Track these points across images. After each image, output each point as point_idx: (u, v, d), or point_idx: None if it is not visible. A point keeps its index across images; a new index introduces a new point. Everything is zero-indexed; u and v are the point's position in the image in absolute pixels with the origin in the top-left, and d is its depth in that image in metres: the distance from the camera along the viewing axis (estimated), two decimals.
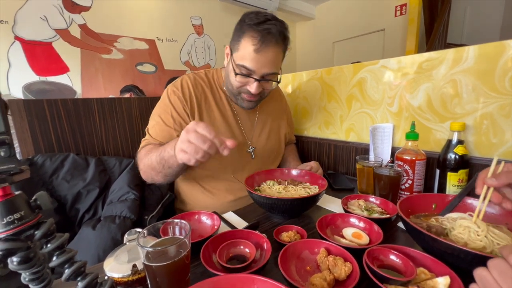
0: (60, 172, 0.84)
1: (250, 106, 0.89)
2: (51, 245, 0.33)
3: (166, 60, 3.25)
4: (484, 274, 0.33)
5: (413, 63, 0.87)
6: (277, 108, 1.08)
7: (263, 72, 0.78)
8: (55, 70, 2.54)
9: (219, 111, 0.90)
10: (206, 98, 0.89)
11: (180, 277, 0.42)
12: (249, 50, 0.75)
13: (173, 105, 0.84)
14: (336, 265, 0.46)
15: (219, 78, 0.94)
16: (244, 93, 0.84)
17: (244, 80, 0.80)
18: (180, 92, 0.85)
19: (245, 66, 0.76)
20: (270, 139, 1.03)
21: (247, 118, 0.97)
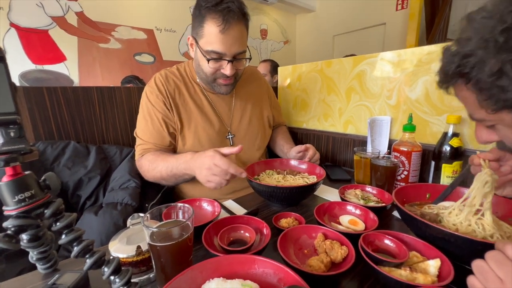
0: (62, 159, 0.85)
1: (228, 90, 0.88)
2: (60, 223, 0.34)
3: (164, 50, 3.21)
4: (481, 264, 0.34)
5: (413, 56, 0.88)
6: (256, 91, 1.06)
7: (233, 51, 0.78)
8: (51, 59, 2.50)
9: (194, 103, 0.91)
10: (180, 92, 0.90)
11: (183, 258, 0.44)
12: (214, 32, 0.74)
13: (154, 105, 0.86)
14: (333, 248, 0.48)
15: (191, 71, 0.94)
16: (219, 78, 0.84)
17: (216, 65, 0.80)
18: (156, 90, 0.87)
19: (214, 50, 0.76)
20: (252, 125, 1.01)
21: (224, 105, 0.97)
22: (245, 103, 1.01)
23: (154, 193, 0.97)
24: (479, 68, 0.36)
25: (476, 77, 0.37)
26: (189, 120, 0.90)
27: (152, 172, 0.82)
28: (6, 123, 0.30)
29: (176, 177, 0.80)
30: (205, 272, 0.39)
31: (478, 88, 0.38)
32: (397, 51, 0.92)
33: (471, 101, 0.41)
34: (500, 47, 0.33)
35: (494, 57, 0.34)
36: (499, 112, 0.37)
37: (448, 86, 0.44)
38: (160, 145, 0.87)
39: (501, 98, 0.35)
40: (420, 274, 0.41)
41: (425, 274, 0.42)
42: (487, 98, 0.37)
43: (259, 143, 1.05)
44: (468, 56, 0.37)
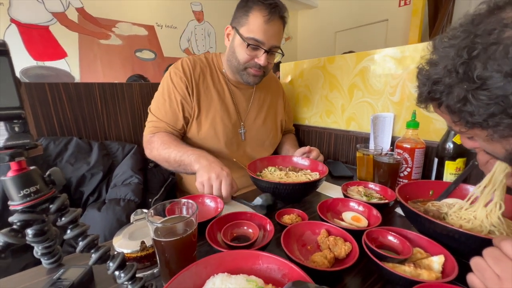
0: (64, 155, 0.85)
1: (256, 81, 0.92)
2: (65, 218, 0.34)
3: (165, 47, 3.19)
4: (479, 262, 0.35)
5: (416, 52, 0.87)
6: (274, 94, 1.10)
7: (271, 43, 0.83)
8: (52, 55, 2.50)
9: (216, 91, 0.94)
10: (204, 78, 0.93)
11: (187, 253, 0.44)
12: (259, 22, 0.80)
13: (176, 87, 0.88)
14: (336, 244, 0.48)
15: (218, 61, 0.98)
16: (251, 67, 0.88)
17: (253, 53, 0.84)
18: (181, 72, 0.89)
19: (255, 38, 0.81)
20: (265, 125, 1.04)
21: (243, 100, 1.00)
22: (262, 102, 1.05)
23: (157, 188, 0.97)
24: (447, 95, 0.39)
25: (445, 102, 0.40)
26: (208, 107, 0.92)
27: (160, 151, 0.83)
28: (11, 117, 0.30)
29: (180, 165, 0.81)
30: (209, 267, 0.39)
31: (449, 111, 0.41)
32: (401, 47, 0.91)
33: (448, 119, 0.43)
34: (461, 78, 0.36)
35: (457, 86, 0.37)
36: (471, 129, 0.40)
37: (425, 106, 0.47)
38: (172, 126, 0.89)
39: (470, 121, 0.38)
40: (424, 270, 0.41)
41: (429, 270, 0.42)
42: (458, 120, 0.40)
43: (268, 144, 1.07)
44: (437, 83, 0.40)
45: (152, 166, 1.05)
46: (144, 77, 2.48)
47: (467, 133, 0.43)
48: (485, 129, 0.38)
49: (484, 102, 0.34)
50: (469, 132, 0.42)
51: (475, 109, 0.36)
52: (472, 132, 0.42)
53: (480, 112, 0.35)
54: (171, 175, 1.05)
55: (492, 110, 0.34)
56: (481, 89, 0.34)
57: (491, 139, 0.39)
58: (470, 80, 0.35)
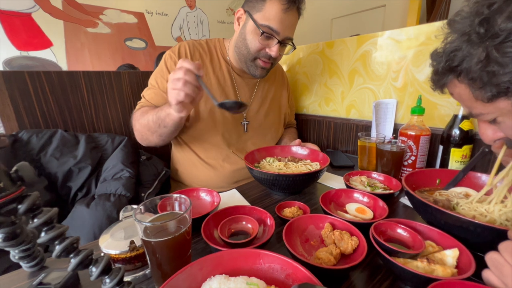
0: (48, 149, 0.79)
1: (263, 74, 0.88)
2: (38, 220, 0.30)
3: (156, 35, 3.07)
4: (495, 257, 0.32)
5: (421, 34, 0.82)
6: (279, 86, 1.06)
7: (286, 34, 0.79)
8: (37, 45, 2.38)
9: (216, 79, 0.88)
10: (204, 64, 0.87)
11: (181, 253, 0.40)
12: (276, 9, 0.75)
13: (169, 70, 0.84)
14: (342, 239, 0.45)
15: (221, 47, 0.92)
16: (261, 58, 0.82)
17: (265, 42, 0.79)
18: (176, 57, 0.84)
19: (270, 26, 0.76)
20: (268, 118, 1.00)
21: (247, 90, 0.95)
22: (266, 93, 1.00)
23: (150, 182, 0.93)
24: (467, 60, 0.37)
25: (465, 68, 0.38)
26: (206, 96, 0.86)
27: (140, 120, 0.78)
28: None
29: (160, 123, 0.72)
30: (205, 269, 0.36)
31: (469, 79, 0.38)
32: (405, 29, 0.86)
33: (466, 96, 0.41)
34: (482, 36, 0.35)
35: (478, 46, 0.36)
36: (494, 102, 0.38)
37: (442, 85, 0.45)
38: None
39: (493, 83, 0.35)
40: (439, 266, 0.38)
41: (443, 265, 0.39)
42: (480, 87, 0.37)
43: (270, 139, 1.03)
44: (455, 51, 0.39)
45: (144, 158, 1.00)
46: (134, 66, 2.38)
47: (488, 111, 0.40)
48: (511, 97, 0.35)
49: (509, 55, 0.33)
50: (491, 109, 0.39)
51: (499, 67, 0.34)
52: (494, 108, 0.38)
53: (505, 69, 0.34)
54: (165, 168, 1.00)
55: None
56: (505, 41, 0.33)
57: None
58: (493, 36, 0.34)
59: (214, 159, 0.91)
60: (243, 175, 0.93)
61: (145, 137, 0.80)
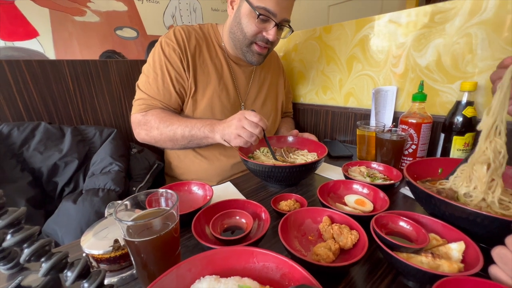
0: (31, 143, 0.75)
1: (260, 60, 0.84)
2: (2, 221, 0.27)
3: (148, 24, 2.95)
4: (503, 252, 0.30)
5: (424, 16, 0.78)
6: (275, 73, 1.02)
7: (283, 16, 0.74)
8: (22, 34, 2.26)
9: (214, 67, 0.83)
10: (201, 51, 0.82)
11: (169, 252, 0.37)
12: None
13: (169, 59, 0.77)
14: (341, 233, 0.42)
15: (216, 34, 0.86)
16: (258, 42, 0.78)
17: (262, 26, 0.75)
18: (175, 44, 0.77)
19: (266, 8, 0.71)
20: (265, 106, 0.97)
21: (243, 78, 0.90)
22: (262, 81, 0.96)
23: (142, 175, 0.89)
24: None
25: None
26: (205, 84, 0.82)
27: (162, 129, 0.75)
28: None
29: (193, 139, 0.75)
30: (194, 269, 0.33)
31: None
32: (405, 11, 0.82)
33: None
34: None
35: None
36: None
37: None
38: (166, 104, 0.79)
39: None
40: (444, 260, 0.36)
41: (448, 260, 0.36)
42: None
43: (268, 128, 0.98)
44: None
45: (135, 151, 0.96)
46: (117, 52, 2.31)
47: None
48: None
49: None
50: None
51: None
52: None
53: None
54: (157, 161, 0.97)
55: None
56: None
57: None
58: None
59: (210, 151, 0.87)
60: (241, 167, 0.90)
61: (160, 143, 0.79)
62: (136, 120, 0.80)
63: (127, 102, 1.08)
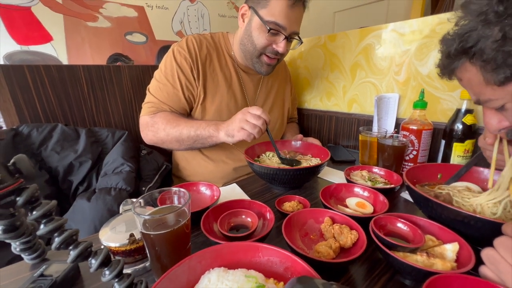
0: (49, 143, 0.80)
1: (269, 70, 0.86)
2: (37, 212, 0.30)
3: (157, 29, 3.04)
4: (491, 253, 0.32)
5: (425, 26, 0.81)
6: (282, 80, 1.05)
7: (293, 29, 0.78)
8: (37, 39, 2.36)
9: (223, 75, 0.87)
10: (211, 60, 0.85)
11: (180, 246, 0.40)
12: (282, 5, 0.73)
13: (180, 67, 0.81)
14: (342, 233, 0.45)
15: (226, 43, 0.90)
16: (267, 54, 0.81)
17: (272, 38, 0.78)
18: (186, 52, 0.81)
19: (276, 22, 0.74)
20: (272, 112, 1.00)
21: (252, 86, 0.94)
22: (270, 88, 0.99)
23: (151, 176, 0.93)
24: (482, 40, 0.37)
25: (479, 49, 0.37)
26: (214, 92, 0.86)
27: (168, 130, 0.78)
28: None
29: (198, 139, 0.78)
30: (204, 261, 0.36)
31: (483, 60, 0.38)
32: (408, 21, 0.85)
33: (476, 80, 0.40)
34: (500, 14, 0.34)
35: (495, 25, 0.35)
36: (506, 85, 0.37)
37: (452, 69, 0.44)
38: (174, 109, 0.83)
39: (508, 63, 0.35)
40: (438, 259, 0.38)
41: (442, 259, 0.39)
42: (494, 69, 0.37)
43: (274, 134, 1.02)
44: (469, 32, 0.38)
45: (145, 153, 1.00)
46: (124, 55, 2.38)
47: (498, 97, 0.39)
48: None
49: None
50: (500, 95, 0.39)
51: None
52: (504, 93, 0.38)
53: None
54: (165, 162, 1.01)
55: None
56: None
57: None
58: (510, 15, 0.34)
59: (217, 155, 0.90)
60: (246, 170, 0.93)
61: (166, 144, 0.82)
62: (144, 122, 0.83)
63: (138, 105, 1.13)
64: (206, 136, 0.76)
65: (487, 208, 0.47)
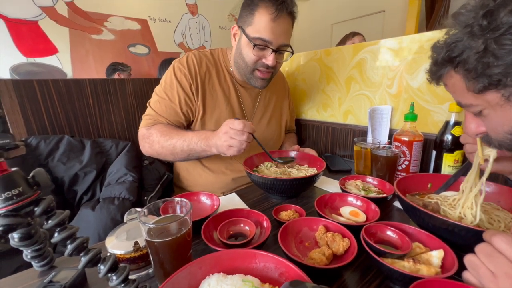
0: (56, 154, 0.83)
1: (264, 84, 0.88)
2: (52, 221, 0.33)
3: (159, 41, 3.13)
4: (472, 259, 0.35)
5: (413, 43, 0.85)
6: (280, 93, 1.08)
7: (280, 42, 0.79)
8: (43, 51, 2.44)
9: (222, 91, 0.90)
10: (210, 77, 0.89)
11: (182, 253, 0.43)
12: (265, 20, 0.75)
13: (180, 83, 0.83)
14: (334, 240, 0.47)
15: (225, 59, 0.93)
16: (259, 68, 0.83)
17: (260, 53, 0.80)
18: (186, 69, 0.84)
19: (261, 38, 0.77)
20: (270, 125, 1.02)
21: (250, 101, 0.97)
22: (268, 102, 1.02)
23: (153, 186, 0.96)
24: (467, 51, 0.40)
25: (463, 59, 0.40)
26: (213, 107, 0.89)
27: (162, 143, 0.79)
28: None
29: (192, 153, 0.79)
30: (204, 267, 0.38)
31: (465, 69, 0.41)
32: (398, 38, 0.89)
33: (459, 87, 0.44)
34: (484, 28, 0.37)
35: (479, 38, 0.38)
36: (484, 93, 0.40)
37: (439, 75, 0.47)
38: (171, 122, 0.86)
39: (486, 74, 0.38)
40: (424, 265, 0.40)
41: (428, 265, 0.41)
42: (474, 77, 0.40)
43: (272, 145, 1.05)
44: (455, 42, 0.41)
45: (147, 163, 1.03)
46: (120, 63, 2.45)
47: (478, 103, 0.43)
48: (501, 89, 0.38)
49: (507, 47, 0.35)
50: (480, 101, 0.42)
51: (494, 59, 0.36)
52: (483, 100, 0.41)
53: (499, 61, 0.36)
54: (167, 172, 1.04)
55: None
56: (504, 34, 0.35)
57: (506, 102, 0.39)
58: (494, 28, 0.36)
59: (217, 166, 0.93)
60: (245, 180, 0.96)
61: (162, 156, 0.83)
62: (141, 133, 0.85)
63: (140, 117, 1.16)
64: (200, 151, 0.78)
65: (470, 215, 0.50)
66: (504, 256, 0.32)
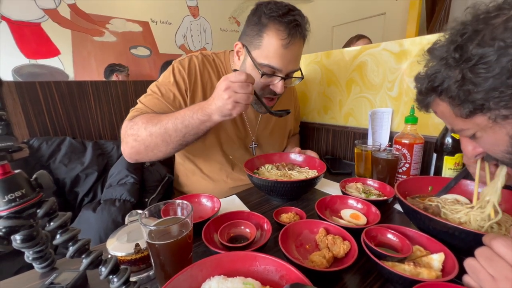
0: (57, 156, 0.83)
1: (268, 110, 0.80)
2: (54, 223, 0.33)
3: (160, 43, 3.15)
4: (472, 263, 0.35)
5: (414, 46, 0.86)
6: (286, 102, 1.02)
7: (290, 69, 0.73)
8: (45, 53, 2.45)
9: None
10: (212, 85, 0.83)
11: (183, 256, 0.43)
12: (275, 46, 0.68)
13: (177, 83, 0.78)
14: (335, 243, 0.47)
15: (227, 63, 0.87)
16: (265, 96, 0.77)
17: (268, 80, 0.74)
18: (186, 73, 0.79)
19: (270, 65, 0.70)
20: (273, 135, 0.99)
21: (252, 112, 0.91)
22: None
23: (154, 187, 0.96)
24: (447, 80, 0.42)
25: (445, 88, 0.43)
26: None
27: (150, 129, 0.67)
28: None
29: (189, 131, 0.67)
30: (205, 270, 0.38)
31: (449, 97, 0.43)
32: (399, 41, 0.90)
33: (448, 113, 0.45)
34: (457, 60, 0.40)
35: (455, 69, 0.41)
36: (472, 118, 0.42)
37: (426, 104, 0.49)
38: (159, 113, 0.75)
39: (469, 100, 0.40)
40: (424, 268, 0.40)
41: (428, 268, 0.41)
42: (459, 104, 0.42)
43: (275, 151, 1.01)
44: (435, 73, 0.44)
45: (148, 165, 1.03)
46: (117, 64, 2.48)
47: (468, 127, 0.44)
48: (486, 112, 0.40)
49: (482, 75, 0.37)
50: (470, 125, 0.43)
51: (473, 86, 0.38)
52: (473, 123, 0.43)
53: (479, 88, 0.38)
54: (168, 174, 1.04)
55: (491, 82, 0.37)
56: (477, 64, 0.38)
57: (494, 124, 0.40)
58: (466, 59, 0.39)
59: (218, 174, 0.91)
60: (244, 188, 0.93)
61: (151, 148, 0.70)
62: (123, 128, 0.73)
63: None
64: (198, 124, 0.66)
65: (475, 222, 0.50)
66: (504, 260, 0.32)
